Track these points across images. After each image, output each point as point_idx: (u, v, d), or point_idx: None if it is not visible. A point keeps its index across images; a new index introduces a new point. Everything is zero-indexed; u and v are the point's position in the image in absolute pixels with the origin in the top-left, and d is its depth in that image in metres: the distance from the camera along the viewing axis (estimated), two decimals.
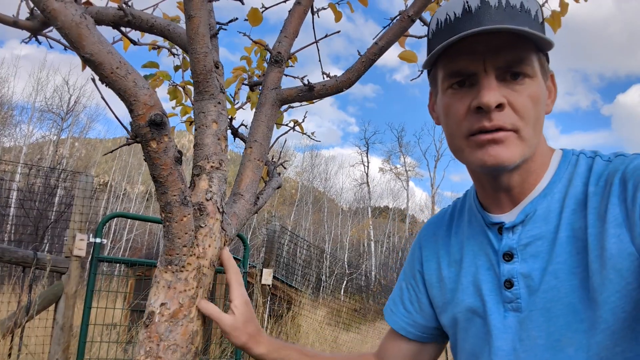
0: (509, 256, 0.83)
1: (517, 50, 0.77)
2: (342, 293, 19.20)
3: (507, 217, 0.85)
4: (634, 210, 0.70)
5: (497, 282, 0.84)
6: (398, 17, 1.19)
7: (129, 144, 0.86)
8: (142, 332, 0.92)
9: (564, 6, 1.79)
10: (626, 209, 0.71)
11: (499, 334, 0.82)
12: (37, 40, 1.52)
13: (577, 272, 0.75)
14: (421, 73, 1.61)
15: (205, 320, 0.97)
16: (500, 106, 0.77)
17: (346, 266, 24.53)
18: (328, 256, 22.42)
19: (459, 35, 0.75)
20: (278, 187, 1.39)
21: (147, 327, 0.91)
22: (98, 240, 3.47)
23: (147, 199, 33.76)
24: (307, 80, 1.25)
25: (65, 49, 1.63)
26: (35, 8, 1.34)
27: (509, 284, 0.82)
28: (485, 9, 0.76)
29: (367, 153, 34.03)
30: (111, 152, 1.00)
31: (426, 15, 1.75)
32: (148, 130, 0.81)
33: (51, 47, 1.61)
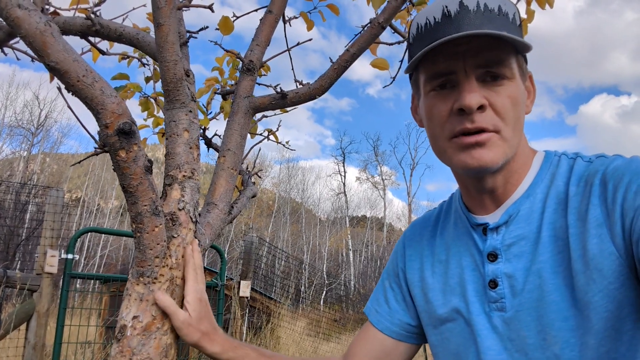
0: (493, 256, 0.84)
1: (496, 51, 0.78)
2: (321, 303, 19.11)
3: (491, 218, 0.86)
4: (614, 209, 0.71)
5: (482, 282, 0.85)
6: (369, 25, 1.20)
7: (97, 154, 0.84)
8: (114, 346, 0.90)
9: (530, 13, 1.84)
10: (607, 209, 0.73)
11: (488, 334, 0.82)
12: (2, 51, 1.49)
13: (560, 271, 0.76)
14: (393, 80, 1.62)
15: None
16: (481, 107, 0.78)
17: (325, 276, 24.45)
18: (307, 267, 22.31)
19: (440, 40, 0.76)
20: (253, 196, 1.38)
21: (119, 342, 0.89)
22: (70, 256, 3.39)
23: (122, 214, 33.12)
24: (280, 88, 1.25)
25: (32, 61, 1.60)
26: None
27: (493, 284, 0.83)
28: (464, 14, 0.77)
29: (343, 163, 34.13)
30: (79, 162, 0.98)
31: (396, 23, 1.77)
32: (116, 139, 0.79)
33: (18, 59, 1.58)
